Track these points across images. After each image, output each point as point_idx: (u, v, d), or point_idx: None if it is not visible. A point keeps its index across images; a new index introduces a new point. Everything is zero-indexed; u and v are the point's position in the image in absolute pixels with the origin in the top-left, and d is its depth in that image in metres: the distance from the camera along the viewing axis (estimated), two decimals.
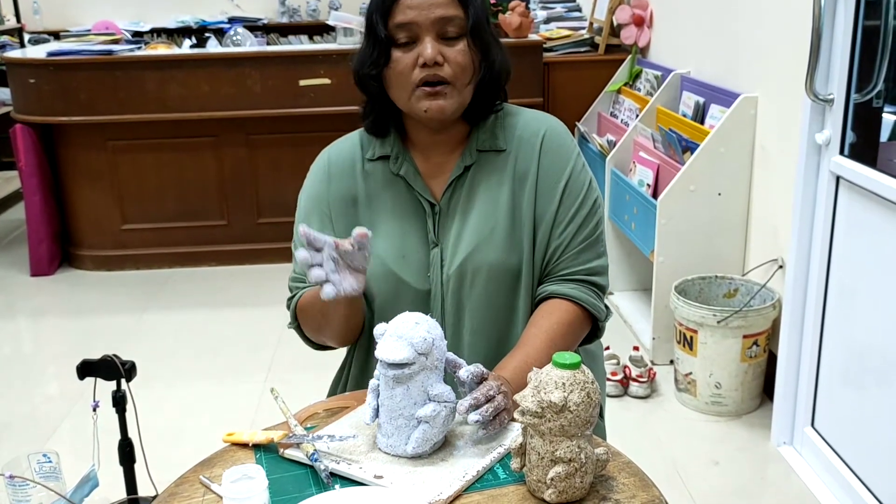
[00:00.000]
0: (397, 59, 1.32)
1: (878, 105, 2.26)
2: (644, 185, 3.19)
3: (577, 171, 1.41)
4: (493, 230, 1.37)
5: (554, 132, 1.42)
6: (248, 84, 3.92)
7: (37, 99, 3.96)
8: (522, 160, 1.40)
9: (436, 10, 1.30)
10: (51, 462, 1.33)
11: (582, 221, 1.39)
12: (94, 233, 4.21)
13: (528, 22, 4.06)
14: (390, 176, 1.41)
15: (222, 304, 3.79)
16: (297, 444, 1.14)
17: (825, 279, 2.32)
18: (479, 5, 1.34)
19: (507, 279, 1.38)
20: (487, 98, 1.39)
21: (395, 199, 1.41)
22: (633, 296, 3.62)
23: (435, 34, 1.31)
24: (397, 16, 1.31)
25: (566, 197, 1.39)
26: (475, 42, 1.33)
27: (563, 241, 1.38)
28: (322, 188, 1.44)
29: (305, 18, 6.96)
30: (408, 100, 1.34)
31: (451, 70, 1.31)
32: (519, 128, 1.42)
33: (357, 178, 1.43)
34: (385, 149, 1.42)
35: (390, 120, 1.42)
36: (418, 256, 1.39)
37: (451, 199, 1.40)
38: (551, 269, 1.39)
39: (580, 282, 1.38)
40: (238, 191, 4.19)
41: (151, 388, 2.82)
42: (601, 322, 1.42)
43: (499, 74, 1.39)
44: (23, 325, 3.79)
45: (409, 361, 1.09)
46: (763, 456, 2.51)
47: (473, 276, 1.37)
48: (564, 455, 1.00)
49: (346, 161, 1.44)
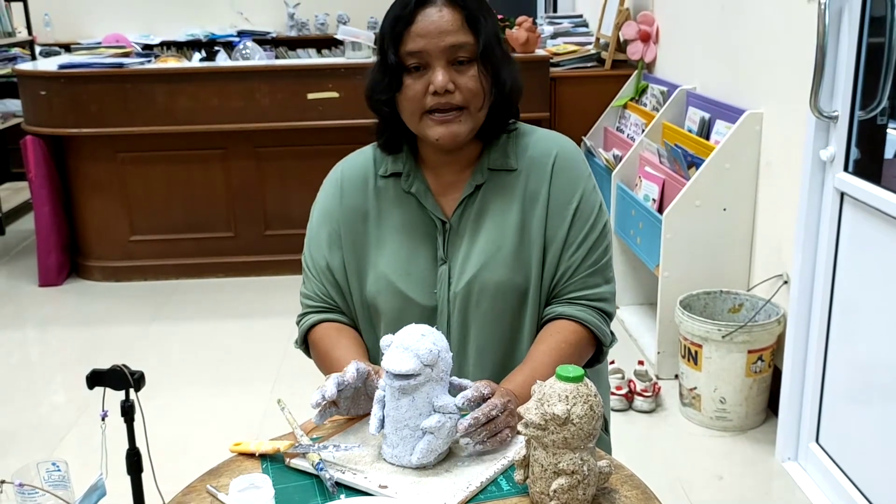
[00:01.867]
0: (408, 85, 1.33)
1: (882, 122, 2.27)
2: (649, 200, 3.20)
3: (588, 194, 1.41)
4: (500, 249, 1.38)
5: (566, 153, 1.42)
6: (256, 97, 3.95)
7: (47, 111, 4.00)
8: (534, 180, 1.40)
9: (446, 37, 1.31)
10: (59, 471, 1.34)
11: (592, 245, 1.39)
12: (103, 244, 4.23)
13: (535, 37, 4.08)
14: (402, 193, 1.42)
15: (229, 315, 3.81)
16: (303, 453, 1.15)
17: (830, 295, 2.33)
18: (489, 29, 1.34)
19: (514, 298, 1.38)
20: (500, 117, 1.40)
21: (404, 216, 1.42)
22: (639, 310, 3.62)
23: (445, 61, 1.31)
24: (408, 44, 1.31)
25: (577, 220, 1.39)
26: (486, 66, 1.34)
27: (572, 264, 1.38)
28: (334, 203, 1.45)
29: (314, 32, 7.01)
30: (418, 124, 1.35)
31: (463, 97, 1.32)
32: (531, 148, 1.42)
33: (369, 194, 1.44)
34: (397, 166, 1.43)
35: (403, 138, 1.42)
36: (424, 274, 1.40)
37: (461, 217, 1.41)
38: (559, 290, 1.40)
39: (587, 306, 1.39)
40: (246, 203, 4.22)
41: (159, 398, 2.83)
42: (605, 347, 1.43)
43: (510, 94, 1.39)
44: (31, 334, 3.81)
45: (415, 372, 1.10)
46: (767, 471, 2.51)
47: (480, 294, 1.37)
48: (567, 467, 1.01)
49: (359, 176, 1.45)
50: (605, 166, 3.75)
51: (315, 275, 1.45)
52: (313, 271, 1.46)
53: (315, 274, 1.45)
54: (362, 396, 1.24)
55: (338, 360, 1.36)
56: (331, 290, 1.44)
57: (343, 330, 1.43)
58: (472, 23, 1.32)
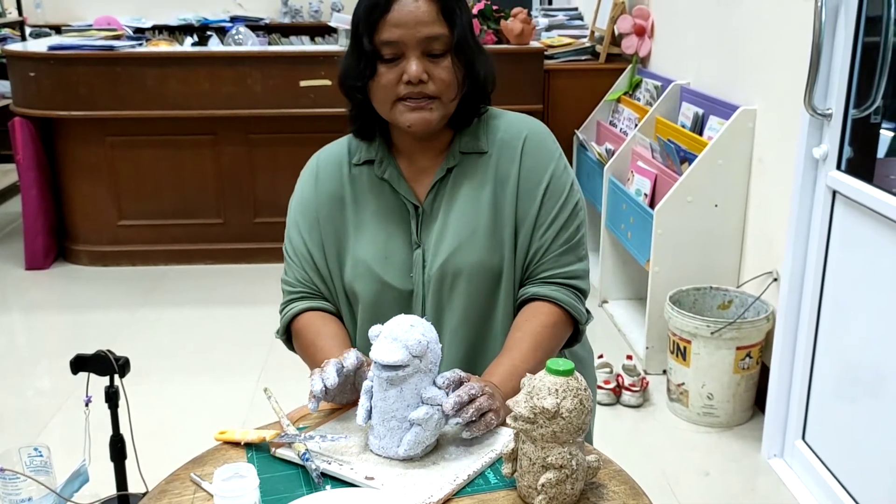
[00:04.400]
0: (382, 73, 1.33)
1: (875, 121, 2.27)
2: (641, 195, 3.19)
3: (559, 173, 1.41)
4: (474, 231, 1.38)
5: (535, 134, 1.43)
6: (248, 83, 3.92)
7: (36, 92, 3.96)
8: (504, 162, 1.41)
9: (422, 28, 1.30)
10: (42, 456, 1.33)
11: (563, 224, 1.40)
12: (91, 228, 4.20)
13: (529, 29, 4.07)
14: (375, 180, 1.43)
15: (217, 302, 3.79)
16: (289, 443, 1.14)
17: (819, 293, 2.33)
18: (464, 21, 1.35)
19: (488, 280, 1.39)
20: (472, 106, 1.41)
21: (379, 201, 1.42)
22: (628, 305, 3.62)
23: (420, 52, 1.31)
24: (383, 33, 1.31)
25: (547, 199, 1.39)
26: (459, 58, 1.34)
27: (544, 243, 1.39)
28: (310, 191, 1.46)
29: (307, 19, 6.98)
30: (389, 111, 1.35)
31: (436, 87, 1.32)
32: (501, 130, 1.43)
33: (344, 181, 1.44)
34: (370, 153, 1.44)
35: (376, 125, 1.43)
36: (401, 258, 1.40)
37: (434, 200, 1.41)
38: (532, 270, 1.40)
39: (561, 285, 1.39)
40: (235, 189, 4.19)
41: (144, 384, 2.81)
42: (582, 325, 1.43)
43: (484, 85, 1.40)
44: (16, 318, 3.78)
45: (403, 364, 1.09)
46: (753, 468, 2.52)
47: (454, 276, 1.38)
48: (556, 461, 1.00)
49: (334, 164, 1.46)
50: (597, 160, 3.75)
51: (297, 261, 1.45)
52: (294, 258, 1.46)
53: (297, 260, 1.45)
54: (349, 385, 1.24)
55: (322, 349, 1.36)
56: (313, 276, 1.44)
57: (327, 318, 1.43)
58: (448, 14, 1.33)
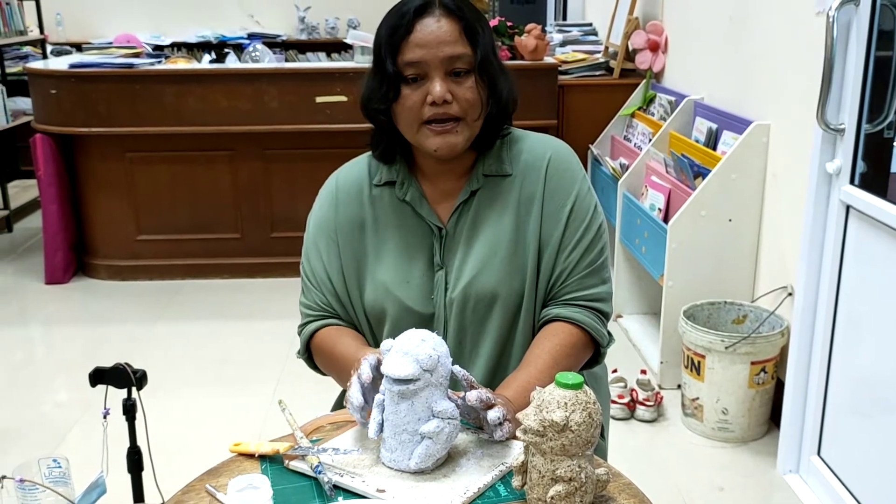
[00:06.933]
0: (406, 95, 1.33)
1: (889, 136, 2.27)
2: (655, 210, 3.20)
3: (583, 195, 1.41)
4: (496, 254, 1.38)
5: (559, 156, 1.42)
6: (265, 99, 3.97)
7: (57, 109, 4.02)
8: (528, 185, 1.41)
9: (445, 48, 1.31)
10: (60, 467, 1.35)
11: (587, 246, 1.40)
12: (109, 243, 4.25)
13: (543, 45, 4.09)
14: (396, 202, 1.43)
15: (234, 316, 3.82)
16: (302, 456, 1.15)
17: (834, 308, 2.32)
18: (486, 40, 1.35)
19: (510, 303, 1.39)
20: (495, 127, 1.41)
21: (401, 224, 1.42)
22: (642, 319, 3.62)
23: (443, 72, 1.32)
24: (406, 53, 1.32)
25: (572, 221, 1.39)
26: (483, 77, 1.34)
27: (568, 265, 1.39)
28: (330, 213, 1.46)
29: (324, 36, 7.03)
30: (415, 134, 1.35)
31: (460, 107, 1.33)
32: (525, 152, 1.43)
33: (364, 204, 1.44)
34: (391, 174, 1.43)
35: (397, 146, 1.43)
36: (422, 281, 1.40)
37: (457, 223, 1.41)
38: (556, 292, 1.40)
39: (584, 307, 1.39)
40: (252, 205, 4.23)
41: (161, 397, 2.84)
42: (603, 348, 1.43)
43: (506, 105, 1.40)
44: (36, 331, 3.83)
45: (415, 377, 1.10)
46: (768, 483, 2.50)
47: (476, 300, 1.38)
48: (565, 474, 1.01)
49: (354, 186, 1.46)
50: (611, 175, 3.75)
51: (315, 285, 1.45)
52: (313, 281, 1.46)
53: (315, 284, 1.45)
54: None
55: (343, 353, 1.36)
56: (331, 300, 1.44)
57: (343, 329, 1.44)
58: (470, 34, 1.33)
